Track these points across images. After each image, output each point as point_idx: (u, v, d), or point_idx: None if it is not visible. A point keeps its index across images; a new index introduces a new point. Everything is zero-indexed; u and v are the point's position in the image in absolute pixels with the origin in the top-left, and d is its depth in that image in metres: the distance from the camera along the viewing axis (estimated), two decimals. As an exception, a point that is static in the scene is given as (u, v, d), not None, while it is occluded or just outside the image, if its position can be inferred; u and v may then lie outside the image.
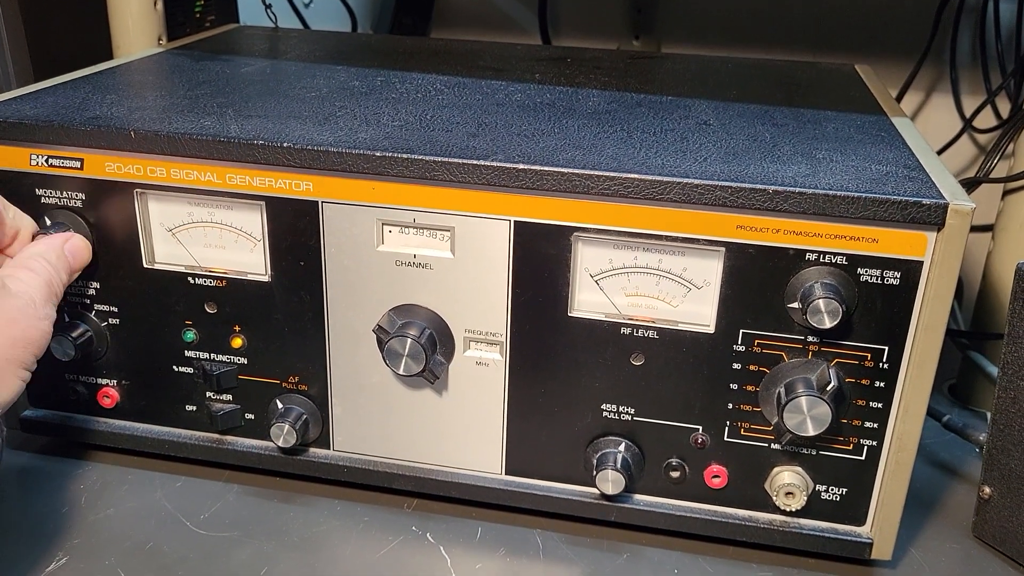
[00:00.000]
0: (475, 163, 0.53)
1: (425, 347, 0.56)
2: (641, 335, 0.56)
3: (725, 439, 0.57)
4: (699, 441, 0.58)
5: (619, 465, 0.57)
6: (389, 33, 1.07)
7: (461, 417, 0.60)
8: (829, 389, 0.53)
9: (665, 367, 0.56)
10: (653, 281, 0.55)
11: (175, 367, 0.63)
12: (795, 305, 0.52)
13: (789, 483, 0.56)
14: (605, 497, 0.59)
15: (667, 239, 0.53)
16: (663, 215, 0.53)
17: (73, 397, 0.65)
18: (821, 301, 0.51)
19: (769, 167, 0.54)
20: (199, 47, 0.83)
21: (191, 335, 0.62)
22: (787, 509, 0.56)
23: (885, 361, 0.53)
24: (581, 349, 0.57)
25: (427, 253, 0.57)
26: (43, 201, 0.60)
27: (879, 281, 0.52)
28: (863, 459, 0.56)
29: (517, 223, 0.55)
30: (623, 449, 0.58)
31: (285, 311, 0.60)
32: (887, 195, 0.50)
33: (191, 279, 0.60)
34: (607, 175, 0.52)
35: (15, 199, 0.59)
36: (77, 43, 0.89)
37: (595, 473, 0.57)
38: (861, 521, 0.58)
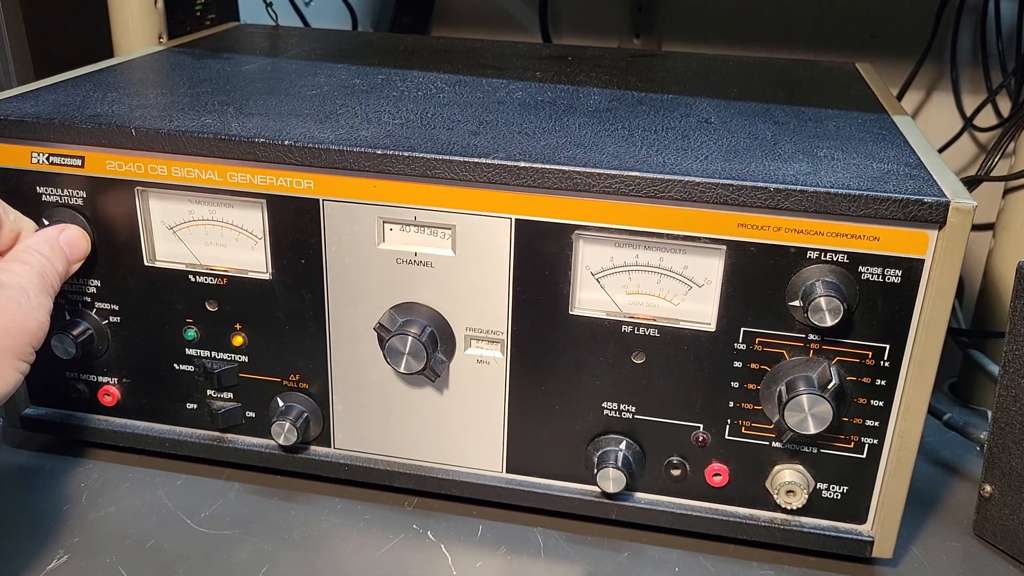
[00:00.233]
0: (476, 161, 0.53)
1: (426, 345, 0.56)
2: (642, 333, 0.56)
3: (726, 437, 0.57)
4: (700, 439, 0.58)
5: (620, 463, 0.57)
6: (390, 31, 1.08)
7: (462, 415, 0.60)
8: (830, 387, 0.53)
9: (666, 365, 0.56)
10: (654, 279, 0.55)
11: (176, 365, 0.63)
12: (796, 303, 0.52)
13: (790, 481, 0.56)
14: (606, 495, 0.59)
15: (668, 237, 0.53)
16: (664, 213, 0.53)
17: (74, 395, 0.65)
18: (822, 299, 0.51)
19: (770, 165, 0.54)
20: (200, 45, 0.83)
21: (192, 333, 0.62)
22: (788, 507, 0.56)
23: (886, 359, 0.53)
24: (582, 347, 0.57)
25: (428, 251, 0.57)
26: (44, 199, 0.60)
27: (880, 279, 0.52)
28: (864, 457, 0.56)
29: (518, 221, 0.55)
30: (624, 447, 0.58)
31: (286, 309, 0.60)
32: (888, 193, 0.50)
33: (192, 277, 0.60)
34: (608, 173, 0.52)
35: (16, 197, 0.59)
36: (78, 41, 0.89)
37: (596, 471, 0.57)
38: (862, 519, 0.58)
